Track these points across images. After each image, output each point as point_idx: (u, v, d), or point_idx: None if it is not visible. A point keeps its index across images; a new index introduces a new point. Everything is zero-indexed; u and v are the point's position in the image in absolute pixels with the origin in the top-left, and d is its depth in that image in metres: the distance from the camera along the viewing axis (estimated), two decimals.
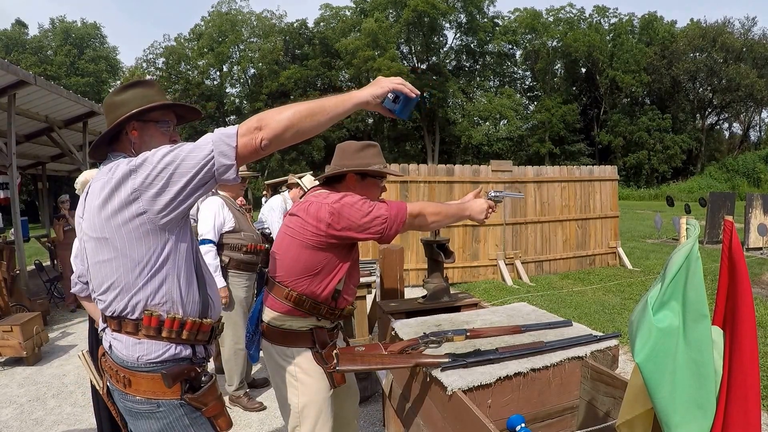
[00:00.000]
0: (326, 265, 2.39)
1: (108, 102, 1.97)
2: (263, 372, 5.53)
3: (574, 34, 52.23)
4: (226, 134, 1.64)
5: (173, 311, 1.79)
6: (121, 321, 1.78)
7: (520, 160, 46.66)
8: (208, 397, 1.85)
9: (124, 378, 1.80)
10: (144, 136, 1.94)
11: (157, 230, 1.70)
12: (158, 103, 1.94)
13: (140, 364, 1.77)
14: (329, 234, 2.30)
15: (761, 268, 10.71)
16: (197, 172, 1.63)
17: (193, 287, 1.86)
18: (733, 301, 1.31)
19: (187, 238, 1.84)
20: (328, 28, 53.64)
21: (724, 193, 16.04)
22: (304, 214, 2.38)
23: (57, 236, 9.26)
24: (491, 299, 8.48)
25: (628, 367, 5.21)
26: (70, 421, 4.65)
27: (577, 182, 11.48)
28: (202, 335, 1.89)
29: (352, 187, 2.54)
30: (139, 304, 1.75)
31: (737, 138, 56.64)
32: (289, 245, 2.43)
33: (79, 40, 52.99)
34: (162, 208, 1.66)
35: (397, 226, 2.31)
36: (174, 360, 1.80)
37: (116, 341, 1.82)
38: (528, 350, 2.22)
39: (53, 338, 7.24)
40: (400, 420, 2.70)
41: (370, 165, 2.53)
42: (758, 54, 48.14)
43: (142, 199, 1.64)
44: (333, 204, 2.29)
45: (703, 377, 1.29)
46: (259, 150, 1.66)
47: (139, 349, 1.77)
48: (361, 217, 2.26)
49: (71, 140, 11.47)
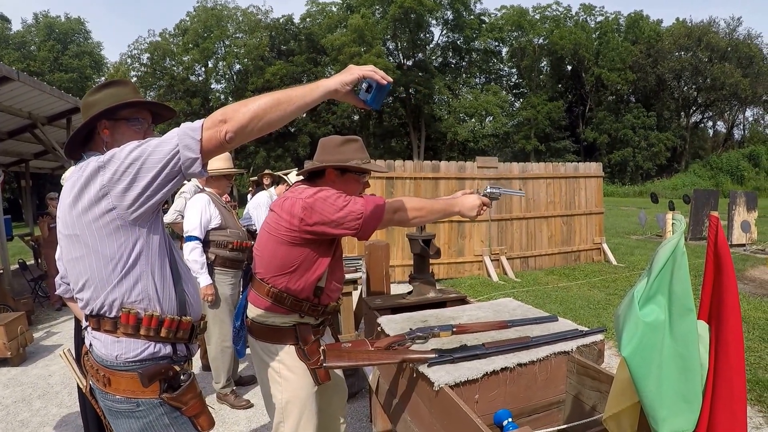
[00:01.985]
0: (303, 261, 2.36)
1: (83, 102, 1.96)
2: (250, 370, 5.51)
3: (561, 32, 52.48)
4: (191, 128, 1.62)
5: (150, 309, 1.78)
6: (100, 319, 1.77)
7: (506, 157, 46.70)
8: (186, 396, 1.84)
9: (104, 377, 1.79)
10: (116, 134, 1.92)
11: (128, 226, 1.69)
12: (125, 101, 1.92)
13: (119, 363, 1.76)
14: (302, 229, 2.27)
15: (745, 264, 10.83)
16: (164, 167, 1.61)
17: (169, 283, 1.85)
18: (719, 295, 1.32)
19: (159, 234, 1.82)
20: (314, 23, 53.44)
21: (708, 190, 16.17)
22: (279, 209, 2.37)
23: (42, 234, 9.17)
24: (477, 295, 8.49)
25: (614, 361, 5.24)
26: (56, 422, 4.60)
27: (563, 179, 11.54)
28: (182, 333, 1.87)
29: (331, 182, 2.50)
30: (116, 302, 1.74)
31: (721, 136, 57.16)
32: (267, 241, 2.42)
33: (62, 35, 52.37)
34: (131, 203, 1.64)
35: (374, 222, 2.25)
36: (153, 359, 1.79)
37: (96, 340, 1.81)
38: (514, 345, 2.22)
39: (38, 338, 7.16)
40: (388, 416, 2.70)
41: (350, 160, 2.49)
42: (743, 54, 48.58)
43: (111, 195, 1.63)
44: (306, 199, 2.26)
45: (689, 371, 1.29)
46: (224, 143, 1.63)
47: (117, 348, 1.76)
48: (334, 212, 2.22)
49: (55, 137, 11.33)
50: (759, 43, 50.34)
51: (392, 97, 51.45)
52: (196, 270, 4.24)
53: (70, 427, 4.49)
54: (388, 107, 51.96)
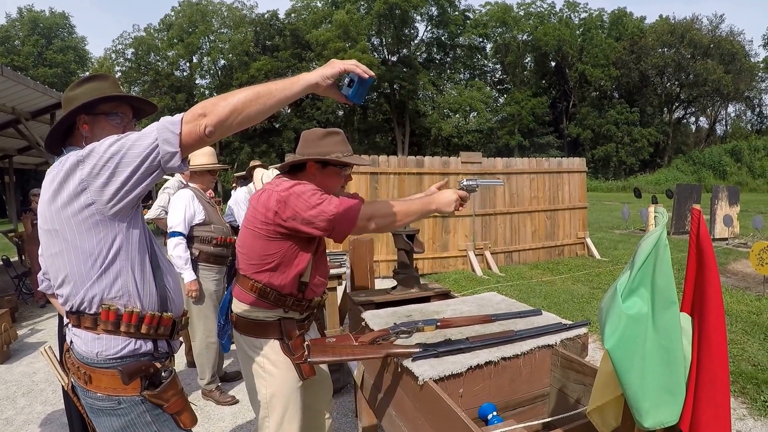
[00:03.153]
0: (284, 256, 2.33)
1: (64, 97, 1.95)
2: (235, 366, 5.49)
3: (545, 28, 52.81)
4: (170, 122, 1.61)
5: (131, 305, 1.76)
6: (80, 316, 1.75)
7: (490, 152, 46.90)
8: (168, 393, 1.83)
9: (84, 374, 1.77)
10: (95, 129, 1.91)
11: (107, 221, 1.67)
12: (103, 95, 1.90)
13: (99, 360, 1.74)
14: (277, 223, 2.25)
15: (727, 257, 10.94)
16: (143, 161, 1.60)
17: (149, 279, 1.83)
18: (701, 287, 1.33)
19: (139, 229, 1.80)
20: (299, 19, 53.33)
21: (690, 185, 16.29)
22: (256, 202, 2.36)
23: (25, 230, 9.08)
24: (461, 289, 8.51)
25: (598, 355, 5.28)
26: (41, 419, 4.56)
27: (546, 174, 11.59)
28: (164, 329, 1.86)
29: (312, 176, 2.46)
30: (96, 298, 1.72)
31: (704, 132, 57.76)
32: (245, 236, 2.41)
33: (47, 29, 51.97)
34: (110, 198, 1.63)
35: (346, 224, 2.20)
36: (134, 355, 1.78)
37: (76, 337, 1.79)
38: (498, 339, 2.23)
39: (22, 335, 7.11)
40: (373, 410, 2.70)
41: (331, 153, 2.44)
42: (725, 50, 49.08)
43: (90, 190, 1.62)
44: (281, 192, 2.24)
45: (673, 363, 1.30)
46: (204, 137, 1.62)
47: (98, 345, 1.74)
48: (306, 209, 2.18)
49: (39, 132, 11.19)
50: (741, 40, 51.02)
51: (377, 93, 51.53)
52: (180, 266, 4.22)
53: (55, 424, 4.46)
54: (372, 103, 51.98)
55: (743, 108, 56.69)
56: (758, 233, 13.62)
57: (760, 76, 53.23)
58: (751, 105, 56.08)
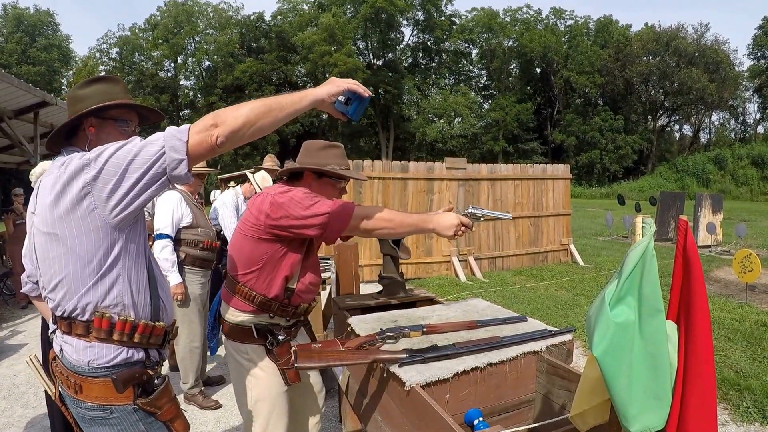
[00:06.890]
0: (269, 259, 2.34)
1: (70, 95, 1.93)
2: (219, 370, 5.48)
3: (531, 35, 53.08)
4: (178, 130, 1.61)
5: (125, 314, 1.75)
6: (71, 322, 1.73)
7: (474, 158, 47.04)
8: (161, 400, 1.82)
9: (75, 384, 1.75)
10: (101, 133, 1.89)
11: (108, 228, 1.66)
12: (117, 102, 1.89)
13: (91, 369, 1.72)
14: (266, 224, 2.26)
15: (710, 265, 11.06)
16: (149, 168, 1.58)
17: (145, 289, 1.82)
18: (687, 296, 1.35)
19: (138, 239, 1.79)
20: (285, 21, 53.29)
21: (674, 192, 16.44)
22: (252, 205, 2.39)
23: (7, 230, 8.99)
24: (445, 295, 8.52)
25: (583, 361, 5.31)
26: (22, 423, 4.51)
27: (531, 180, 11.64)
28: (155, 339, 1.85)
29: (308, 185, 2.51)
30: (89, 305, 1.70)
31: (687, 139, 58.26)
32: (237, 238, 2.43)
33: (31, 27, 51.62)
34: (115, 204, 1.62)
35: (339, 224, 2.21)
36: (126, 364, 1.76)
37: (67, 345, 1.77)
38: (485, 345, 2.24)
39: (3, 337, 7.03)
40: (358, 416, 2.70)
41: (328, 164, 2.50)
42: (710, 59, 49.61)
43: (94, 195, 1.60)
44: (276, 196, 2.26)
45: (659, 369, 1.32)
46: (215, 147, 1.62)
47: (89, 353, 1.72)
48: (300, 210, 2.20)
49: (21, 131, 11.08)
50: (726, 49, 51.60)
51: None
52: (167, 268, 4.19)
53: (37, 428, 4.41)
54: None
55: (727, 116, 57.51)
56: (741, 241, 13.76)
57: (744, 85, 53.93)
58: (735, 113, 56.88)
